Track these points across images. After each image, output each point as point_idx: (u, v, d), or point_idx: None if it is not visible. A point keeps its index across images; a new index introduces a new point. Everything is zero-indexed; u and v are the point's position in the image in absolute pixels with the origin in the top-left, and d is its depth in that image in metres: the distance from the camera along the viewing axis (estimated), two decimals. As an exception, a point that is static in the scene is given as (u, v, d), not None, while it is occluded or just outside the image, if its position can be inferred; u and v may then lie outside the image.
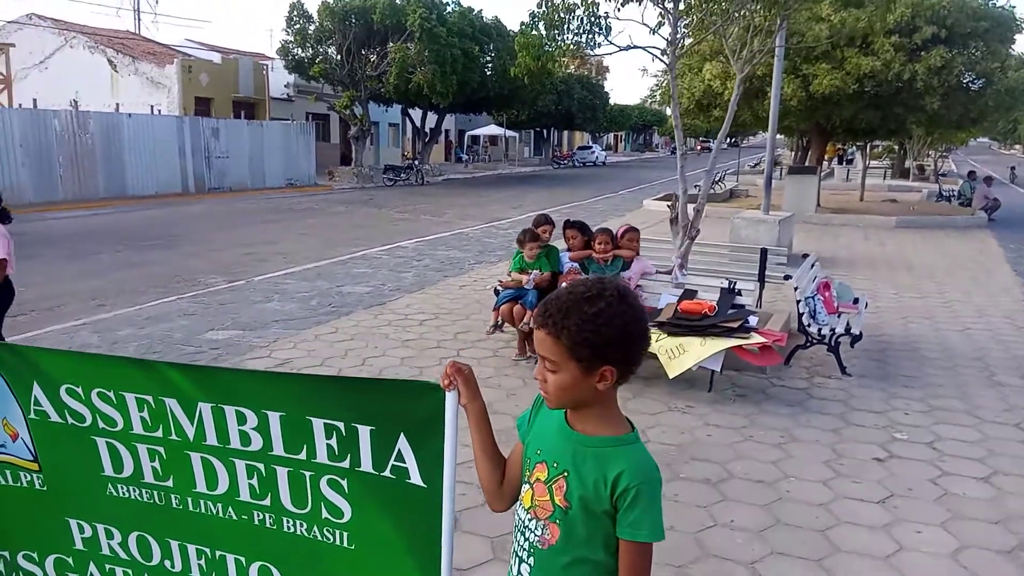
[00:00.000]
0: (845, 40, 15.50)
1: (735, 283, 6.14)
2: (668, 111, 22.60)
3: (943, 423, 5.26)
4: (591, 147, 57.56)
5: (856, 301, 7.29)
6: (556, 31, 6.24)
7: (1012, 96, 18.28)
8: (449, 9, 31.61)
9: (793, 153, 33.92)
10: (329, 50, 31.85)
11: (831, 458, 4.62)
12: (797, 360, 6.57)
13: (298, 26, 31.52)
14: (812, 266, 7.46)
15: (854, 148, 39.66)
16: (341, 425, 1.85)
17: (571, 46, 6.35)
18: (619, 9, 6.33)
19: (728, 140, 76.32)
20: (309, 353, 6.46)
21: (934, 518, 3.88)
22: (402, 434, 1.83)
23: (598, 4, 6.22)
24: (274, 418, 1.89)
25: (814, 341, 6.36)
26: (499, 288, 6.64)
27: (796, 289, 6.38)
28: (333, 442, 1.86)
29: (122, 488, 2.09)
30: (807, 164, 21.85)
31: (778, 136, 31.45)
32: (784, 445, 4.79)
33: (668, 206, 7.27)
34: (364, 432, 1.84)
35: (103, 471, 2.08)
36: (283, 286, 9.59)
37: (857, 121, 18.84)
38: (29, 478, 2.16)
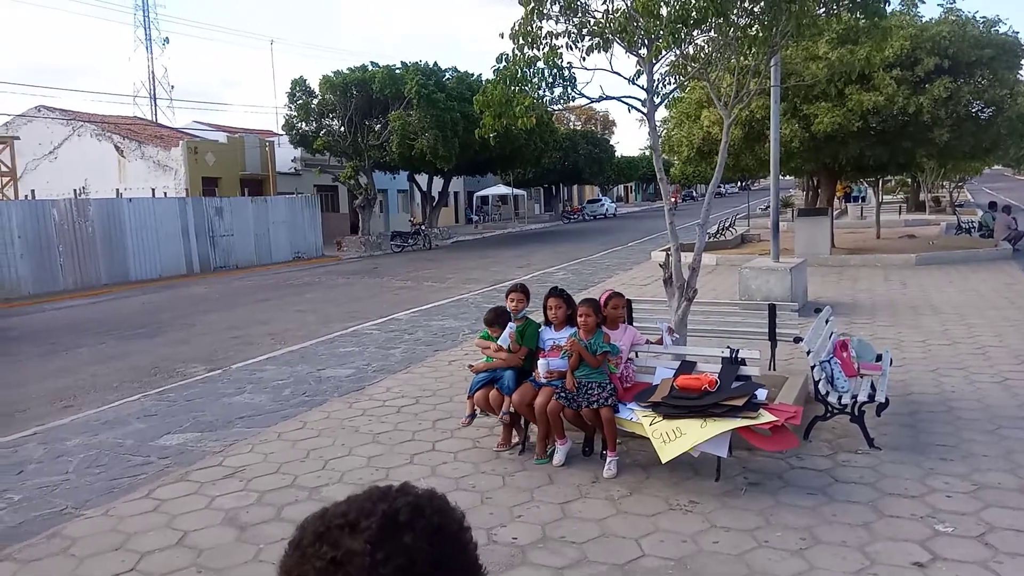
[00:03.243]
0: (843, 77, 15.02)
1: (738, 351, 5.43)
2: (675, 159, 22.13)
3: (993, 506, 4.46)
4: (600, 200, 57.34)
5: (879, 359, 6.53)
6: (518, 87, 5.72)
7: (1024, 123, 17.61)
8: (447, 76, 31.76)
9: (805, 193, 33.30)
10: (332, 123, 32.01)
11: (863, 567, 3.83)
12: (818, 432, 5.80)
13: (300, 101, 31.76)
14: (827, 321, 6.75)
15: (864, 185, 39.01)
16: None
17: (534, 100, 5.82)
18: (584, 59, 5.82)
19: (738, 184, 75.93)
20: (266, 458, 5.78)
21: (998, 652, 3.10)
22: None
23: (561, 55, 5.71)
24: None
25: (834, 411, 5.60)
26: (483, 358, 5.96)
27: (809, 353, 5.65)
28: None
29: None
30: (818, 204, 21.20)
31: (787, 177, 30.92)
32: (806, 552, 4.02)
33: (660, 265, 6.61)
34: None
35: None
36: (260, 373, 8.97)
37: (864, 158, 18.21)
38: None
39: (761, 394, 5.05)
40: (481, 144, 30.85)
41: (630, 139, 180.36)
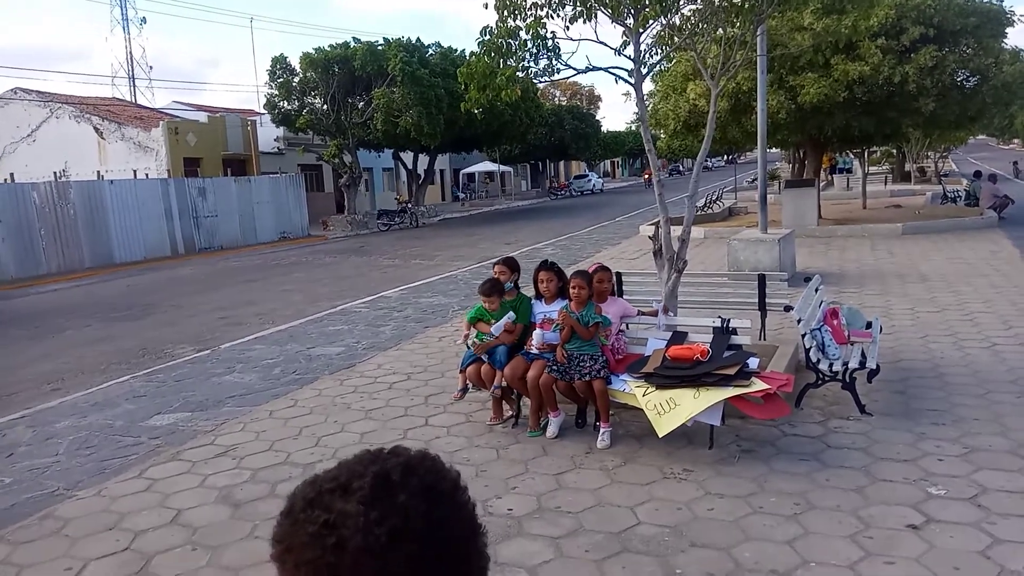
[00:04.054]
0: (829, 47, 14.94)
1: (728, 321, 5.43)
2: (661, 133, 22.05)
3: (984, 468, 4.50)
4: (587, 175, 57.27)
5: (869, 326, 6.56)
6: (502, 58, 5.64)
7: (1009, 91, 17.60)
8: (431, 51, 31.40)
9: (791, 166, 33.35)
10: (314, 101, 31.63)
11: (857, 530, 3.86)
12: (810, 399, 5.83)
13: (282, 79, 31.32)
14: (816, 290, 6.76)
15: (850, 157, 39.12)
16: None
17: (517, 71, 5.73)
18: (567, 28, 5.73)
19: (725, 157, 75.80)
20: (258, 436, 5.75)
21: (992, 610, 3.13)
22: None
23: (544, 24, 5.62)
24: None
25: (826, 378, 5.63)
26: (469, 345, 5.93)
27: (799, 321, 5.66)
28: None
29: None
30: (805, 176, 21.23)
31: (774, 150, 30.91)
32: (800, 516, 4.04)
33: (649, 237, 6.60)
34: None
35: None
36: (249, 353, 8.91)
37: (851, 129, 18.20)
38: None
39: (753, 363, 5.06)
40: (467, 120, 30.92)
41: (616, 114, 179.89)
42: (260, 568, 3.78)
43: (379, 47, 30.09)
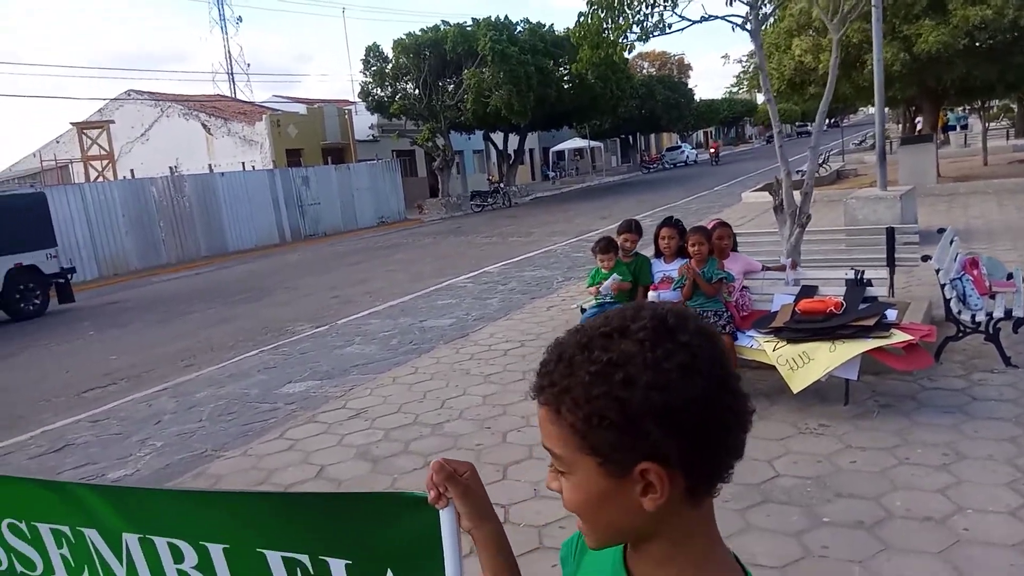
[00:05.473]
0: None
1: (863, 272, 5.21)
2: (760, 97, 21.27)
3: None
4: (680, 147, 55.91)
5: (1010, 277, 6.17)
6: (616, 13, 5.55)
7: None
8: (519, 28, 31.29)
9: (900, 125, 31.61)
10: (407, 86, 32.10)
11: (1015, 478, 3.65)
12: (949, 354, 5.54)
13: (375, 67, 31.94)
14: (951, 242, 6.39)
15: (963, 113, 36.73)
16: (306, 559, 1.25)
17: (632, 25, 5.62)
18: (683, -26, 5.59)
19: (828, 120, 72.42)
20: (385, 400, 5.95)
21: None
22: (389, 571, 1.20)
23: (661, -28, 5.50)
24: (217, 552, 1.30)
25: (968, 330, 5.33)
26: (583, 308, 5.93)
27: (938, 271, 5.37)
28: None
29: None
30: (919, 133, 20.09)
31: (884, 109, 29.31)
32: (951, 466, 3.86)
33: (770, 193, 6.39)
34: (338, 567, 1.23)
35: None
36: (366, 327, 9.21)
37: (971, 79, 17.06)
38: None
39: (891, 314, 4.84)
40: (556, 96, 30.67)
41: (708, 81, 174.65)
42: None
43: (468, 28, 30.21)
